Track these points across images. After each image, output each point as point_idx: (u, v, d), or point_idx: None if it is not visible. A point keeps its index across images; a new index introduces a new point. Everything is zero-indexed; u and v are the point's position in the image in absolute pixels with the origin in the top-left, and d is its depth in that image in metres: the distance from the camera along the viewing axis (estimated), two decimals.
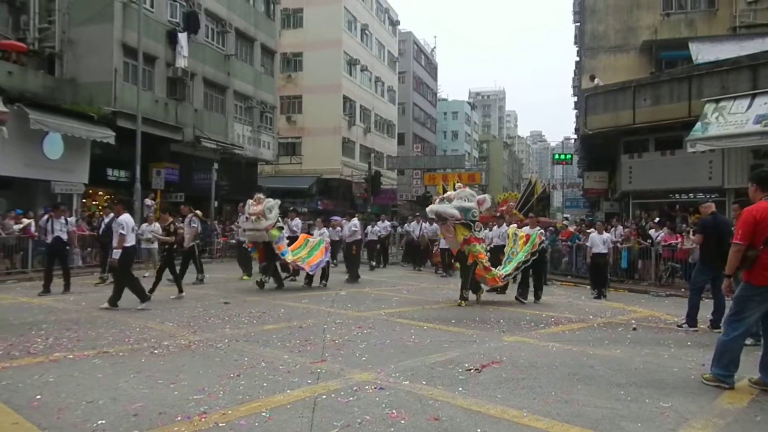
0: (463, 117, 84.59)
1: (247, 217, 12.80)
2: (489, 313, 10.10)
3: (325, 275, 14.01)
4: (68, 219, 13.05)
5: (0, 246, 14.63)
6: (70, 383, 5.16)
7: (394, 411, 4.49)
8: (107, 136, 20.20)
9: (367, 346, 7.00)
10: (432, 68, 69.00)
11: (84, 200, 21.36)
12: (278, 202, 13.25)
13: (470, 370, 5.86)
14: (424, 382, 5.35)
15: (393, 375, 5.59)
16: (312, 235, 14.66)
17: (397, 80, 53.88)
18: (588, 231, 18.56)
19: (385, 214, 25.25)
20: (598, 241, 13.12)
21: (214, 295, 11.59)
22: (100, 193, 23.03)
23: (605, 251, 13.19)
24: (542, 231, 11.82)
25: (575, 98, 39.83)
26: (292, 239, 14.16)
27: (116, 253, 9.56)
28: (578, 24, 33.61)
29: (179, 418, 4.28)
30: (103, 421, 4.18)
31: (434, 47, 70.35)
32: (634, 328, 8.76)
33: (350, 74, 42.17)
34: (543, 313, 10.31)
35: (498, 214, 18.23)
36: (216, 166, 25.45)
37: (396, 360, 6.25)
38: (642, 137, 21.39)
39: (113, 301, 9.60)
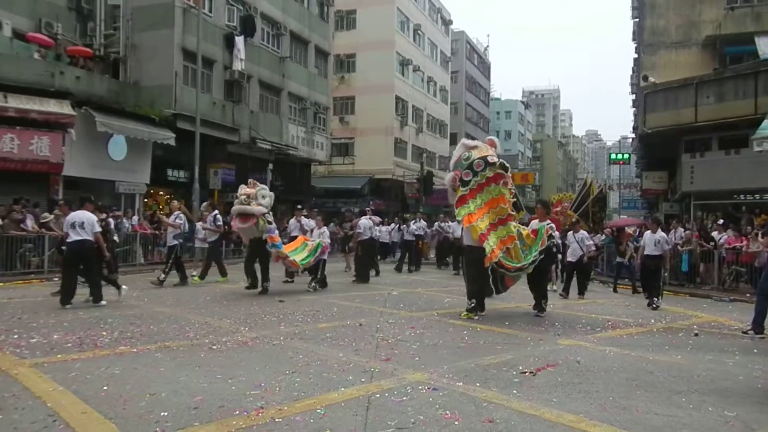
0: (517, 116, 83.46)
1: (237, 197, 11.84)
2: (543, 315, 9.94)
3: (316, 278, 12.82)
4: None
5: None
6: (134, 376, 5.36)
7: (447, 412, 4.48)
8: (168, 137, 20.90)
9: (420, 346, 7.01)
10: (485, 67, 68.37)
11: (146, 200, 22.15)
12: (272, 194, 12.29)
13: (525, 372, 5.79)
14: (478, 384, 5.32)
15: (446, 376, 5.58)
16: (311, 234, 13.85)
17: (449, 80, 53.62)
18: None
19: (442, 214, 24.85)
20: (650, 241, 11.83)
21: (269, 293, 11.81)
22: (161, 192, 23.83)
23: (658, 253, 11.67)
24: (552, 225, 9.92)
25: (633, 96, 38.72)
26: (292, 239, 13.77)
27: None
28: (637, 19, 32.69)
29: (237, 412, 4.39)
30: (166, 413, 4.33)
31: (487, 46, 69.75)
32: (696, 334, 8.46)
33: (403, 75, 42.23)
34: (600, 316, 10.08)
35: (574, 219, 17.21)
36: (271, 166, 25.95)
37: (449, 361, 6.23)
38: (704, 136, 20.65)
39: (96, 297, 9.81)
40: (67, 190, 18.77)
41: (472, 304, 9.36)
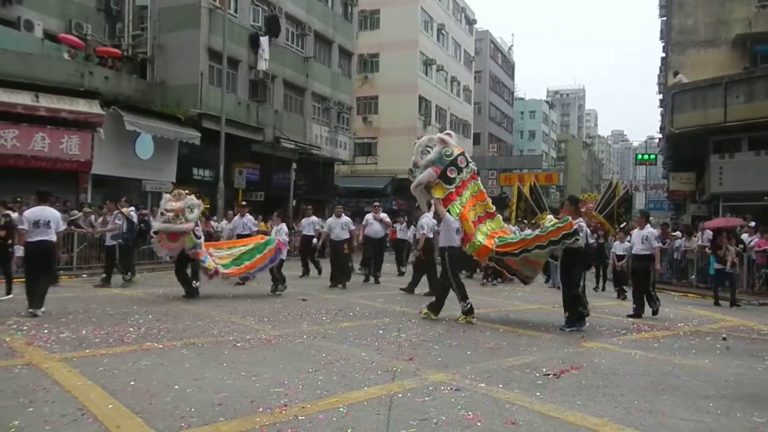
0: (541, 116, 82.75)
1: (162, 213, 10.60)
2: (579, 329, 9.82)
3: (276, 279, 11.82)
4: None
5: (98, 240, 15.44)
6: (160, 371, 5.45)
7: (470, 413, 4.47)
8: (193, 137, 21.16)
9: (443, 346, 7.00)
10: (509, 67, 67.94)
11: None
12: (200, 202, 11.40)
13: (548, 374, 5.75)
14: (500, 385, 5.30)
15: (469, 376, 5.57)
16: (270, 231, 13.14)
17: (473, 80, 53.39)
18: (673, 234, 17.79)
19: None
20: (637, 239, 10.47)
21: (292, 292, 11.89)
22: (187, 191, 24.04)
23: (647, 252, 10.30)
24: (575, 221, 8.59)
25: (660, 96, 38.15)
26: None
27: (18, 250, 9.45)
28: (665, 18, 32.19)
29: (261, 409, 4.43)
30: (191, 409, 4.39)
31: (511, 45, 69.28)
32: (724, 338, 8.30)
33: (426, 74, 42.17)
34: (625, 319, 9.95)
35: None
36: (294, 166, 26.11)
37: (472, 361, 6.21)
38: (734, 136, 20.25)
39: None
40: (96, 188, 19.13)
41: (468, 306, 8.98)
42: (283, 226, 12.78)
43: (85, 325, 7.57)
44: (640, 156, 47.69)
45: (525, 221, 17.53)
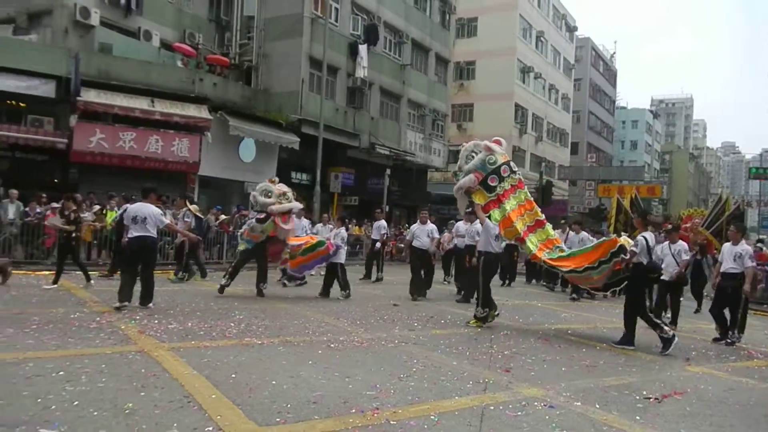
0: (644, 126, 79.12)
1: (267, 193, 10.94)
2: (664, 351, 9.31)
3: (340, 283, 11.52)
4: None
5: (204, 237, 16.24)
6: (258, 366, 5.67)
7: (565, 431, 4.35)
8: (293, 141, 21.92)
9: (536, 360, 6.84)
10: (611, 75, 65.51)
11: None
12: (299, 204, 11.76)
13: (649, 398, 5.47)
14: (597, 406, 5.10)
15: (563, 394, 5.41)
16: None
17: (572, 88, 51.89)
18: None
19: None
20: (729, 255, 9.07)
21: (383, 296, 12.02)
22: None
23: (738, 270, 8.97)
24: (646, 236, 8.08)
25: None
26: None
27: None
28: None
29: (354, 410, 4.51)
30: (287, 405, 4.54)
31: (614, 53, 66.91)
32: None
33: (523, 82, 41.45)
34: (734, 344, 9.29)
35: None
36: (388, 171, 26.37)
37: (567, 378, 6.03)
38: None
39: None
40: (202, 188, 20.23)
41: (485, 313, 8.97)
42: (342, 230, 12.42)
43: (190, 318, 8.02)
44: (754, 169, 44.42)
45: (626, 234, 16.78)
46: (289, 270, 11.81)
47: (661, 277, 9.64)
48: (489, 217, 9.13)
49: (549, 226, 9.59)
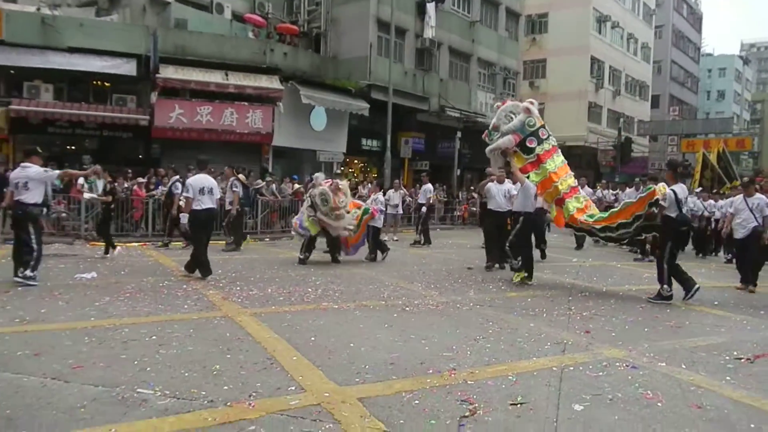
0: (733, 74, 73.82)
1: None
2: (762, 296, 8.85)
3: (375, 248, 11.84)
4: None
5: (277, 207, 16.78)
6: (336, 329, 5.83)
7: (649, 392, 4.24)
8: (362, 108, 21.96)
9: (617, 321, 6.68)
10: (696, 19, 61.21)
11: (342, 168, 23.58)
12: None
13: (741, 359, 5.24)
14: (683, 366, 4.94)
15: (646, 354, 5.26)
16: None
17: (652, 36, 48.88)
18: None
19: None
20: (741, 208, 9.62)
21: (456, 260, 12.01)
22: (356, 161, 25.19)
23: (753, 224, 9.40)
24: (677, 188, 7.98)
25: None
26: None
27: (183, 217, 9.10)
28: None
29: (431, 371, 4.58)
30: (366, 366, 4.66)
31: None
32: None
33: (599, 32, 39.44)
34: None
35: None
36: (459, 134, 26.05)
37: (650, 339, 5.85)
38: None
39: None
40: (276, 158, 20.70)
41: (519, 264, 9.27)
42: (380, 196, 12.60)
43: (270, 285, 8.31)
44: None
45: (713, 191, 15.88)
46: (350, 252, 11.58)
47: (735, 236, 9.86)
48: (529, 178, 9.10)
49: (581, 193, 9.57)
